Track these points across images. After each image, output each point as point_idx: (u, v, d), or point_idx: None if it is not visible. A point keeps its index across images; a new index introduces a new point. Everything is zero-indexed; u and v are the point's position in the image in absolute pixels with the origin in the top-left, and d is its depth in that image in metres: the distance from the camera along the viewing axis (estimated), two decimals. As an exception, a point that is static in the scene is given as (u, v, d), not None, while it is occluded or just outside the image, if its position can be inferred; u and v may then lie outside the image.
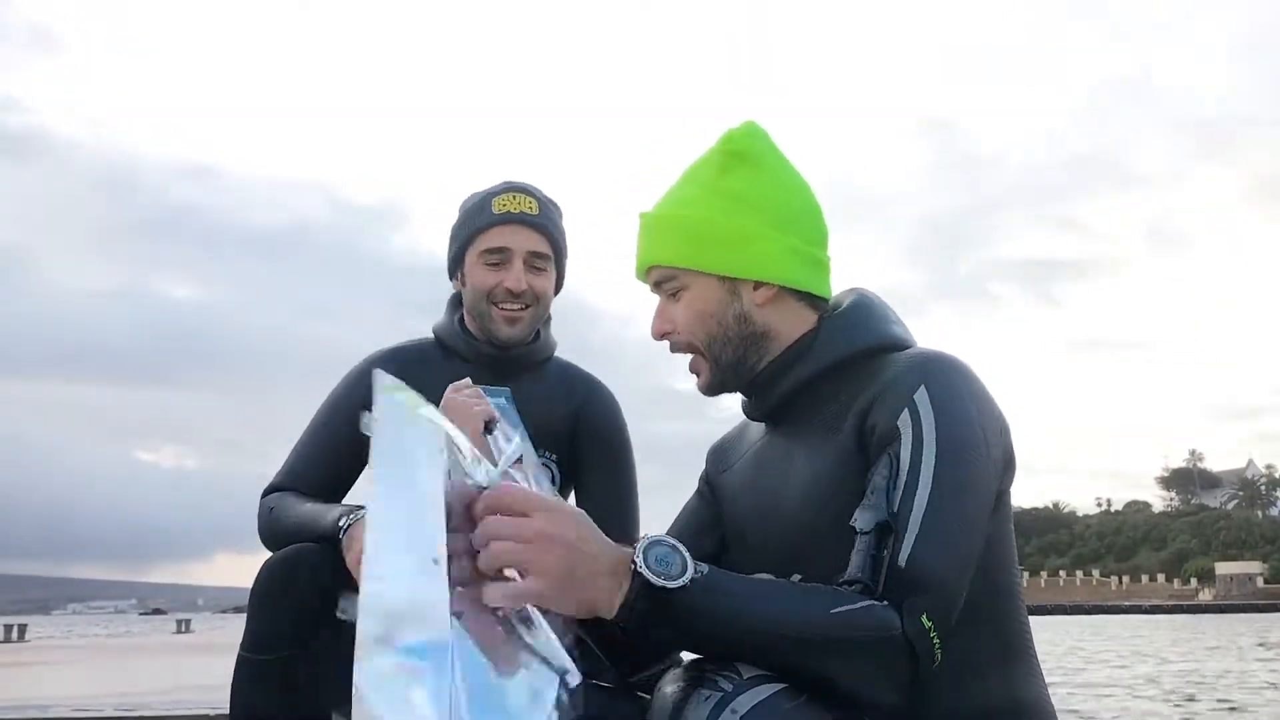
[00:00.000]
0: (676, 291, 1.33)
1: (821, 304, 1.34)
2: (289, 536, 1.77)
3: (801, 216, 1.35)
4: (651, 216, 1.37)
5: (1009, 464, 1.24)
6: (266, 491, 1.90)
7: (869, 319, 1.32)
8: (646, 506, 2.08)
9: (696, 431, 1.52)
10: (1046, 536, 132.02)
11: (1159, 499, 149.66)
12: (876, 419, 1.18)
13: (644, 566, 1.02)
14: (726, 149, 1.34)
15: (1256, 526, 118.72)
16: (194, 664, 8.98)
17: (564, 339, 2.11)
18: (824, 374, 1.29)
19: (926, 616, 1.05)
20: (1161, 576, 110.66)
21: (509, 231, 1.92)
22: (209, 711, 4.27)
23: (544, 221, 1.95)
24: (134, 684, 6.78)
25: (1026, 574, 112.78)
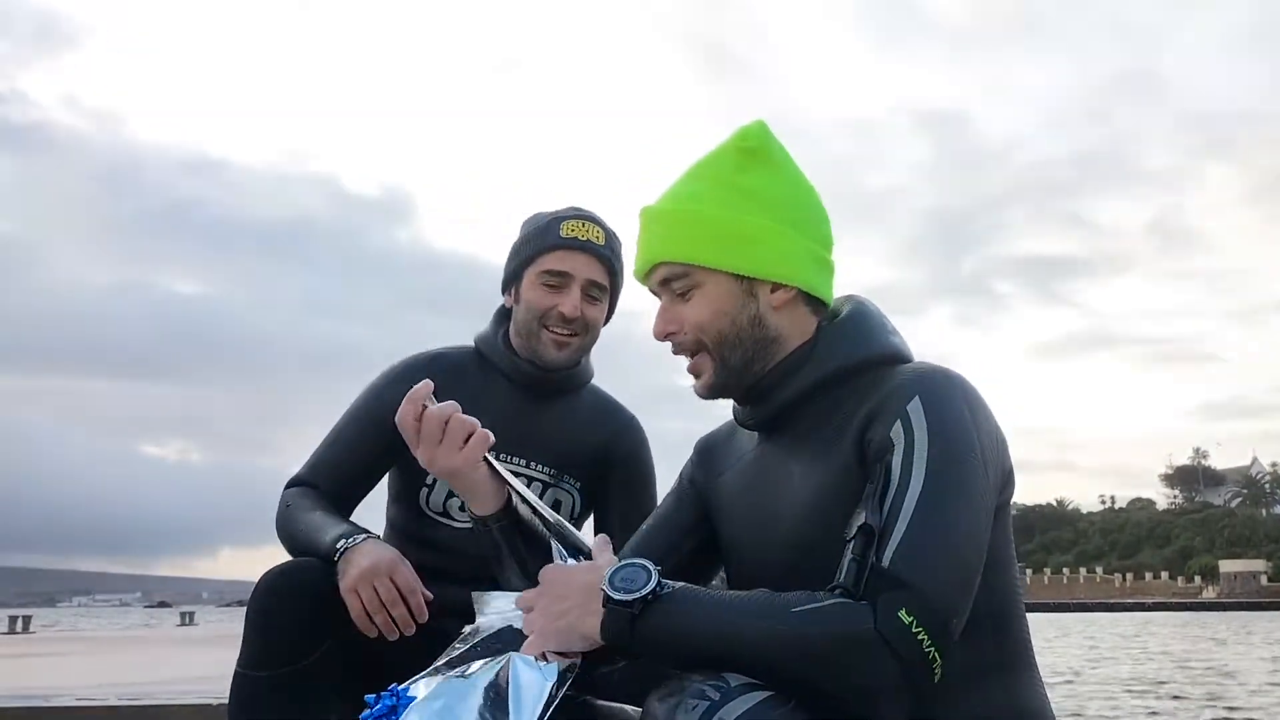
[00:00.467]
0: (686, 290, 1.29)
1: (823, 309, 1.33)
2: (295, 541, 1.78)
3: (814, 219, 1.33)
4: (660, 211, 1.32)
5: (1008, 478, 1.23)
6: (290, 484, 1.91)
7: (868, 329, 1.30)
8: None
9: (704, 430, 1.53)
10: (1050, 534, 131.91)
11: (1163, 496, 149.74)
12: (874, 433, 1.17)
13: (608, 585, 1.12)
14: (742, 146, 1.31)
15: (1260, 524, 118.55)
16: (197, 656, 9.01)
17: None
18: (823, 385, 1.27)
19: (905, 612, 1.03)
20: (1165, 574, 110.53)
21: (573, 257, 1.91)
22: (211, 701, 4.29)
23: (607, 253, 1.95)
24: (137, 675, 6.80)
25: (1030, 571, 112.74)
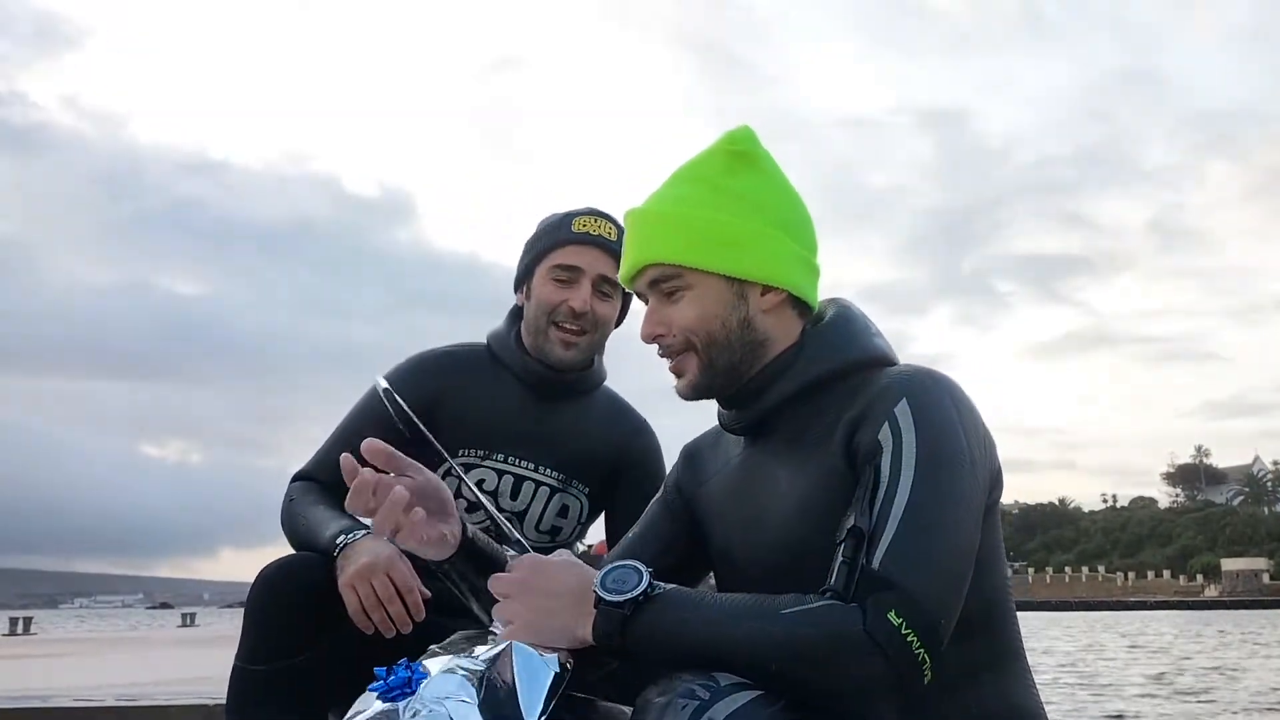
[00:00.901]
0: (675, 291, 1.28)
1: (809, 313, 1.33)
2: (297, 536, 1.77)
3: (802, 224, 1.33)
4: (648, 213, 1.31)
5: (996, 478, 1.22)
6: (295, 478, 1.90)
7: (853, 332, 1.30)
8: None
9: (704, 428, 1.51)
10: (1051, 532, 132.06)
11: (1165, 495, 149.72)
12: (862, 436, 1.17)
13: (600, 587, 1.12)
14: (732, 149, 1.30)
15: (1262, 523, 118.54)
16: (196, 657, 9.00)
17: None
18: (809, 389, 1.27)
19: (895, 614, 1.03)
20: (1167, 573, 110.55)
21: (584, 252, 1.90)
22: (208, 702, 4.27)
23: (619, 249, 1.90)
24: (136, 676, 6.79)
25: (1031, 570, 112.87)
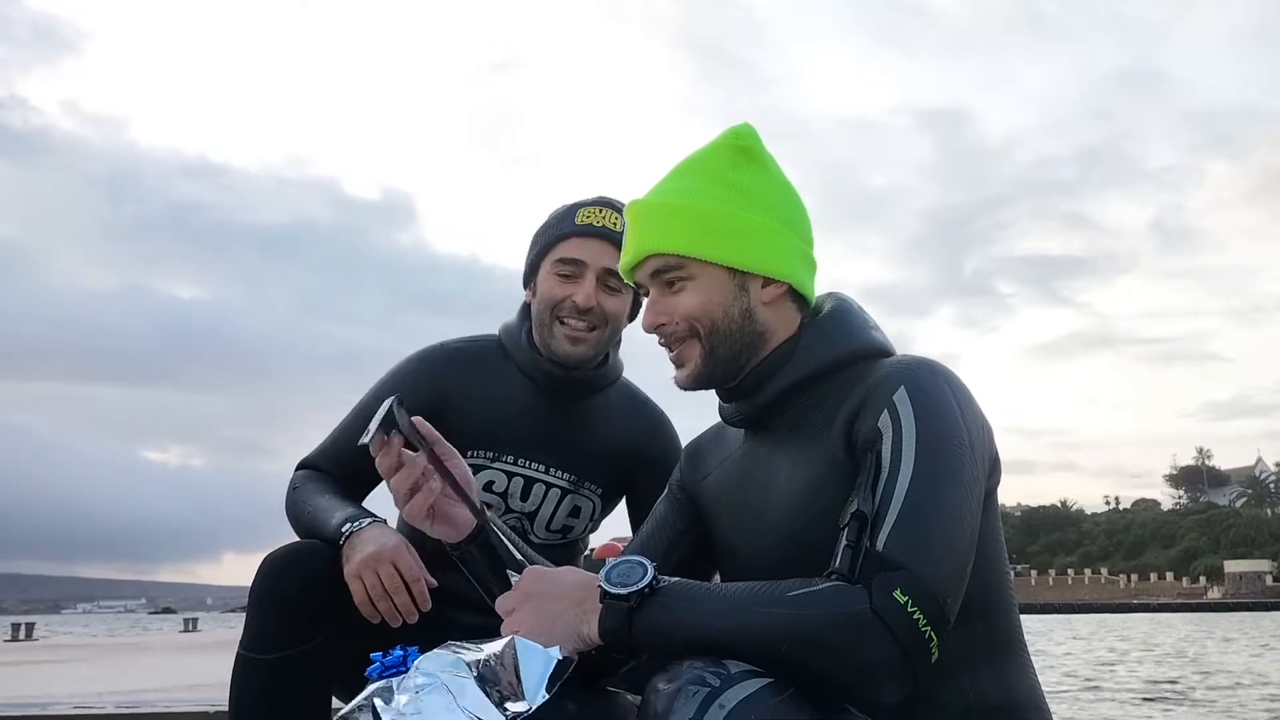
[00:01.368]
0: (678, 281, 1.29)
1: (806, 306, 1.34)
2: (302, 524, 1.76)
3: (802, 218, 1.35)
4: (651, 204, 1.32)
5: (995, 464, 1.24)
6: (300, 465, 1.88)
7: (850, 325, 1.32)
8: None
9: (709, 422, 1.49)
10: (1054, 535, 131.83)
11: (1167, 497, 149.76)
12: (861, 424, 1.19)
13: (604, 581, 1.13)
14: (735, 144, 1.32)
15: (1265, 525, 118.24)
16: (198, 662, 8.96)
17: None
18: (808, 381, 1.28)
19: (901, 592, 1.04)
20: (1170, 575, 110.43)
21: (588, 244, 1.83)
22: (208, 709, 4.24)
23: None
24: (136, 682, 6.76)
25: (1034, 572, 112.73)
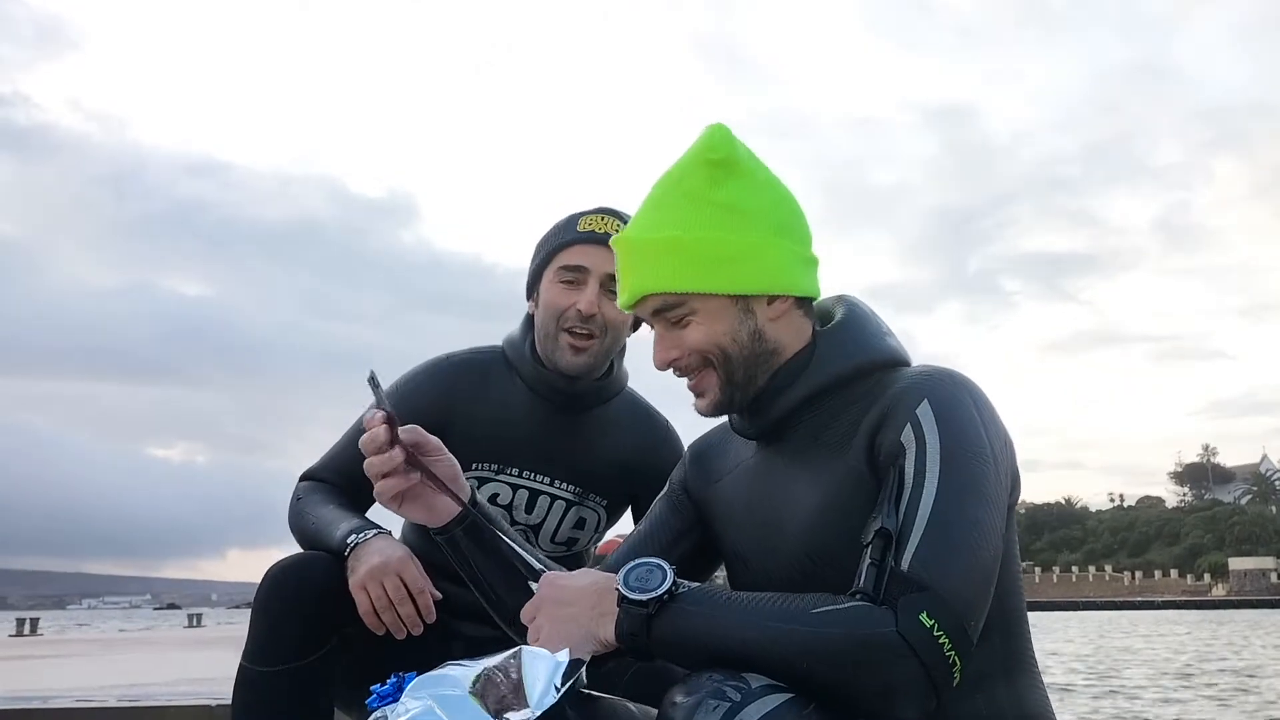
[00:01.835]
0: (682, 318, 1.25)
1: (811, 306, 1.31)
2: (305, 535, 1.74)
3: (795, 220, 1.29)
4: (641, 240, 1.26)
5: (1015, 480, 1.22)
6: (303, 476, 1.87)
7: (865, 333, 1.29)
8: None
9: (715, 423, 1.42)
10: (1059, 532, 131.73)
11: (1172, 494, 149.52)
12: (884, 438, 1.16)
13: (623, 586, 1.11)
14: (711, 159, 1.25)
15: (1270, 522, 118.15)
16: (201, 658, 8.94)
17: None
18: (824, 392, 1.25)
19: (927, 615, 1.02)
20: (1175, 572, 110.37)
21: (590, 251, 1.82)
22: (210, 702, 4.21)
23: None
24: (140, 676, 6.74)
25: (1039, 570, 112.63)
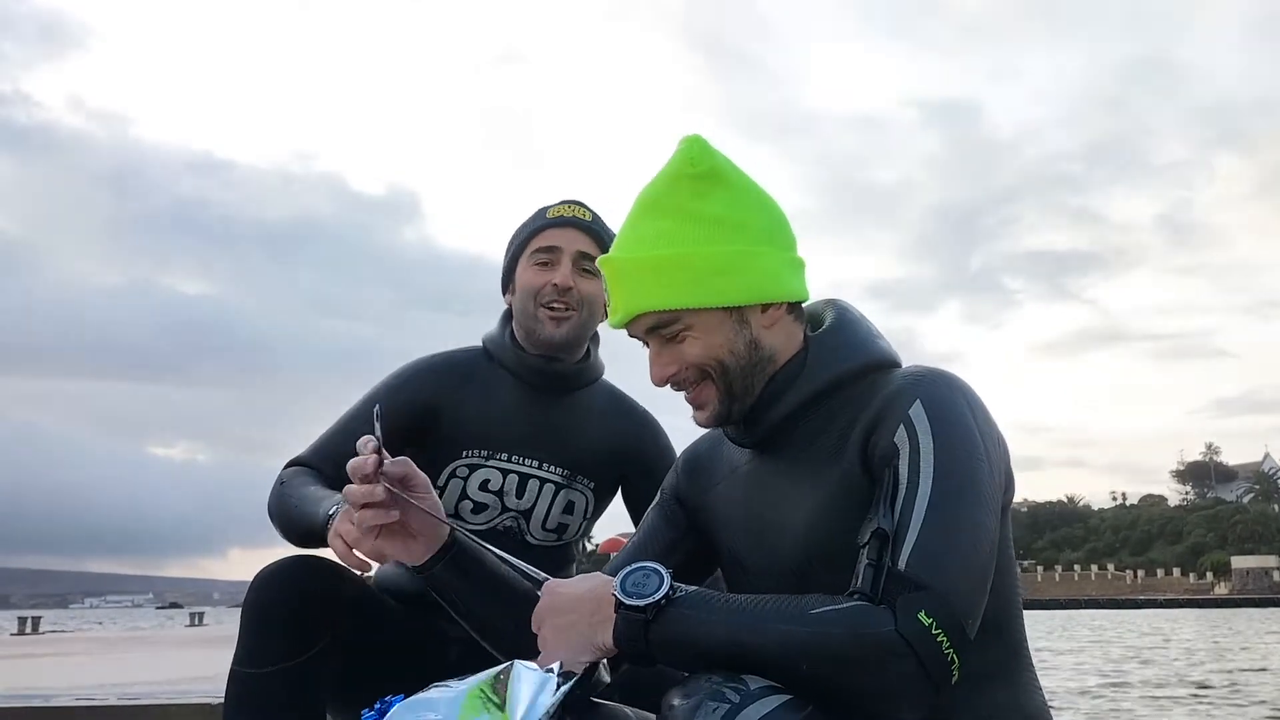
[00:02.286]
0: (678, 334, 1.25)
1: (801, 310, 1.31)
2: (286, 516, 1.75)
3: (780, 225, 1.30)
4: (631, 260, 1.25)
5: (1009, 479, 1.23)
6: (289, 464, 1.88)
7: (856, 337, 1.29)
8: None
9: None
10: (1061, 530, 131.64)
11: (1174, 493, 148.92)
12: (877, 439, 1.17)
13: (619, 591, 1.10)
14: (692, 172, 1.25)
15: (1273, 520, 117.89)
16: (202, 657, 8.93)
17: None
18: (817, 398, 1.26)
19: (925, 614, 1.03)
20: (1177, 570, 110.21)
21: (560, 233, 1.94)
22: (210, 701, 4.19)
23: (596, 227, 1.96)
24: (140, 675, 6.73)
25: (1040, 569, 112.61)
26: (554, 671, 1.08)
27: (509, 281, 2.00)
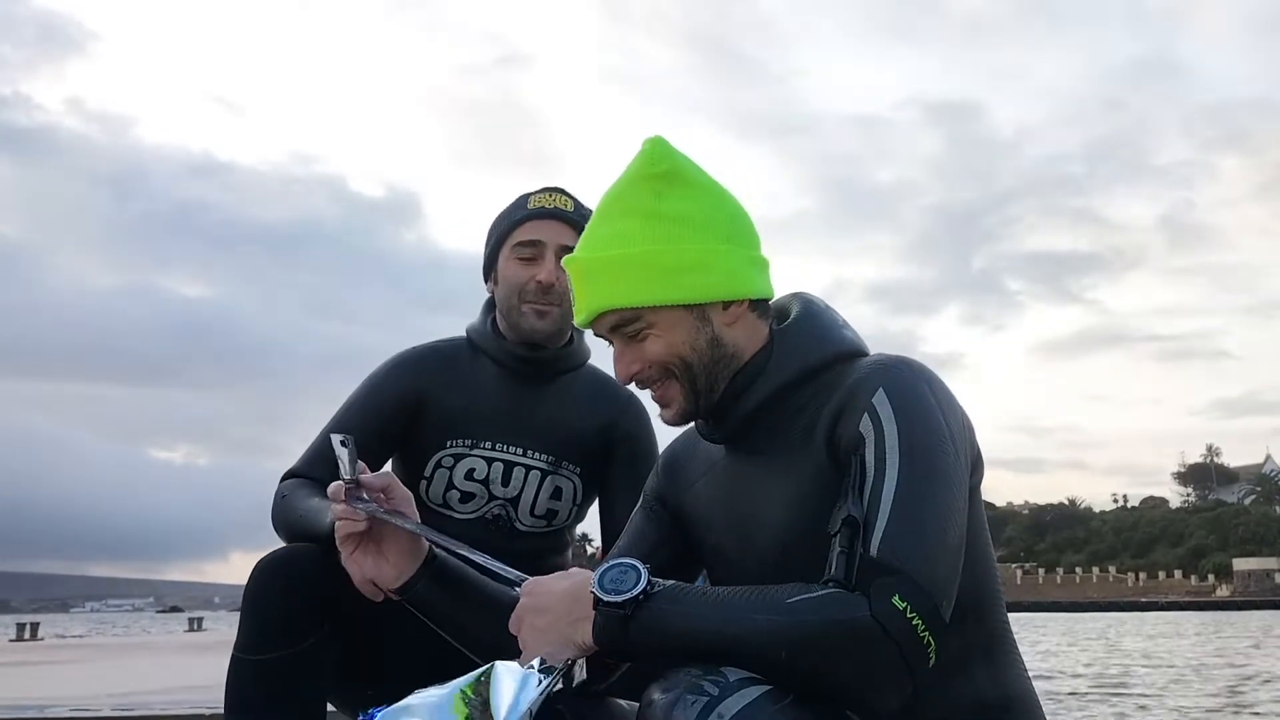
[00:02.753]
0: (639, 332, 1.27)
1: (767, 307, 1.32)
2: (293, 528, 1.76)
3: (742, 225, 1.32)
4: (593, 259, 1.28)
5: (977, 461, 1.25)
6: (285, 476, 1.89)
7: (821, 327, 1.31)
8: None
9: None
10: (1062, 533, 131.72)
11: (1176, 495, 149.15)
12: (842, 429, 1.19)
13: (598, 588, 1.11)
14: (653, 172, 1.28)
15: (1274, 522, 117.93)
16: (199, 663, 8.87)
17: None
18: (784, 390, 1.27)
19: (899, 598, 1.04)
20: (1178, 573, 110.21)
21: (543, 225, 1.92)
22: (205, 711, 4.14)
23: (579, 218, 1.92)
24: (136, 683, 6.67)
25: (1042, 571, 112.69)
26: (534, 668, 1.08)
27: (490, 270, 1.99)
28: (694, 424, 1.39)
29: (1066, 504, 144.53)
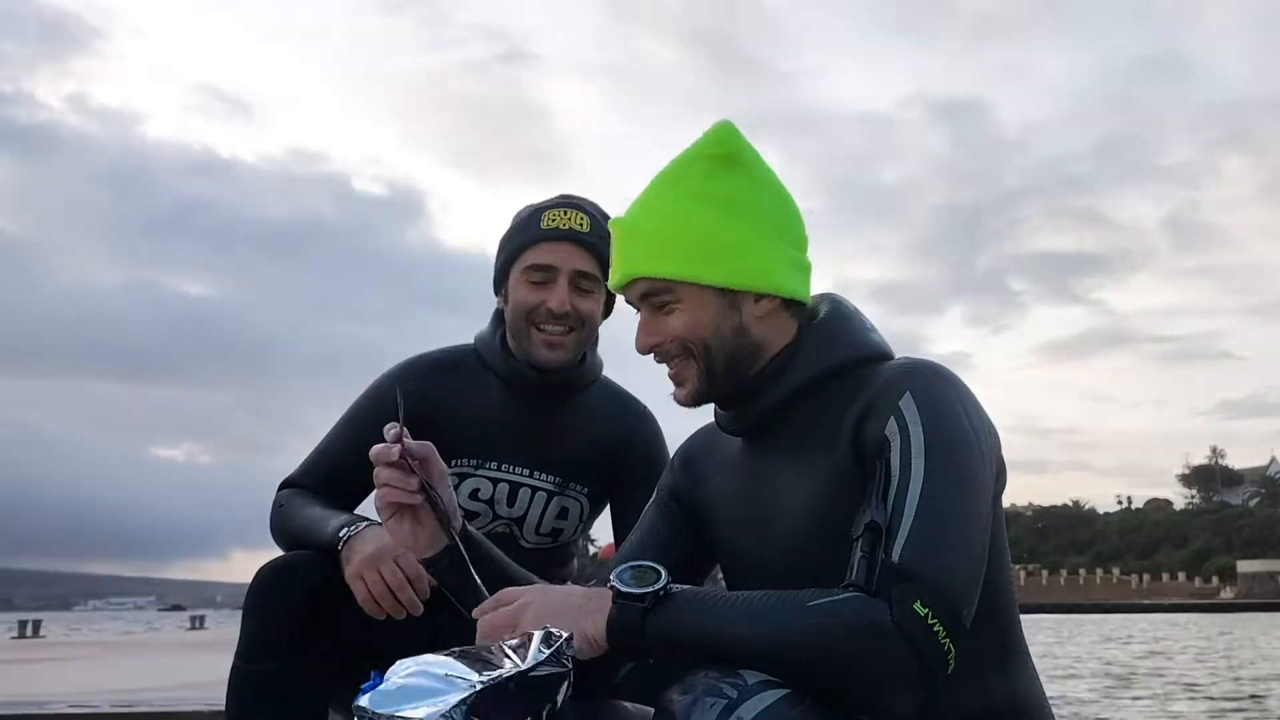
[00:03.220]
0: (666, 305, 1.27)
1: (801, 309, 1.32)
2: (293, 537, 1.75)
3: (791, 222, 1.32)
4: (636, 224, 1.29)
5: (1001, 469, 1.25)
6: (283, 485, 1.89)
7: (849, 329, 1.31)
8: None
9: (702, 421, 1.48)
10: (1066, 534, 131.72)
11: (1180, 497, 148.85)
12: (868, 431, 1.18)
13: (617, 581, 1.11)
14: (712, 153, 1.28)
15: (1279, 524, 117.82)
16: (199, 661, 8.87)
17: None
18: (808, 387, 1.27)
19: (920, 604, 1.03)
20: (1183, 575, 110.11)
21: (556, 249, 1.82)
22: (203, 708, 4.11)
23: (594, 240, 1.83)
24: (136, 681, 6.66)
25: (1046, 572, 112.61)
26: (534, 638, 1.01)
27: (501, 284, 1.91)
28: (712, 420, 1.39)
29: (1070, 505, 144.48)
